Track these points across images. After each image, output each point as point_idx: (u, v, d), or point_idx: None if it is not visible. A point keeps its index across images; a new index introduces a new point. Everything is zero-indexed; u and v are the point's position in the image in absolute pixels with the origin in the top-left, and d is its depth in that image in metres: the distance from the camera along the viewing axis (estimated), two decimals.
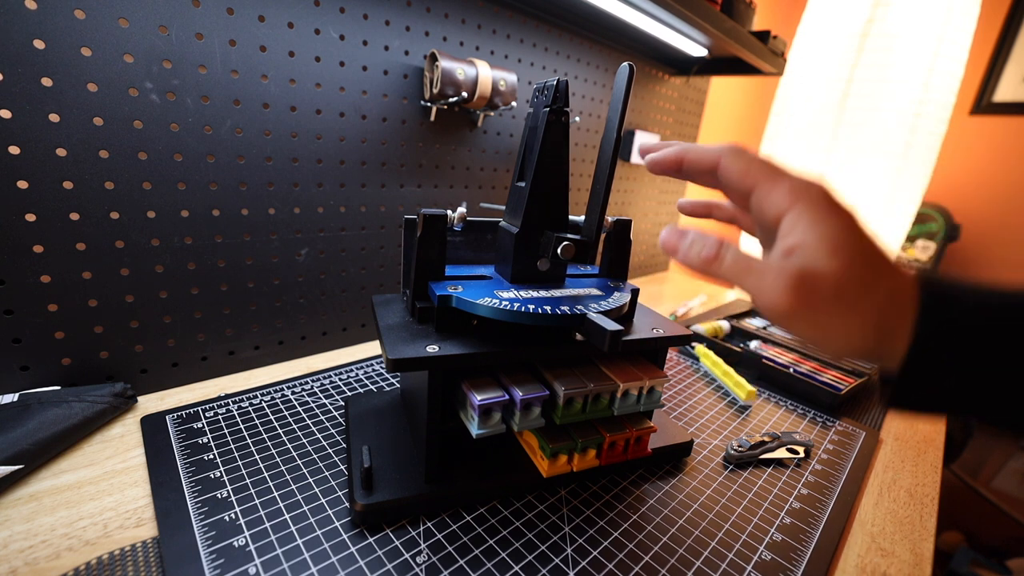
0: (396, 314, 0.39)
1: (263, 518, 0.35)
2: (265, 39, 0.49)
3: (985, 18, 1.58)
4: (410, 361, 0.32)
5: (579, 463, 0.39)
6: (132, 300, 0.47)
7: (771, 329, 0.87)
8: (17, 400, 0.40)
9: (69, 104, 0.40)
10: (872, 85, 1.17)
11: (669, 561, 0.35)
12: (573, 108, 0.86)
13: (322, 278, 0.61)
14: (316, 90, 0.54)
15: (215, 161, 0.49)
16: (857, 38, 1.18)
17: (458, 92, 0.60)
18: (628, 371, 0.40)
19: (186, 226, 0.49)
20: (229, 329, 0.55)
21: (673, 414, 0.56)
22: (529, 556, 0.35)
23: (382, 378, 0.57)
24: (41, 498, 0.36)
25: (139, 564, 0.31)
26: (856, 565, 0.38)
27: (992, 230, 1.74)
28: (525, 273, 0.41)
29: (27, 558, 0.31)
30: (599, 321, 0.32)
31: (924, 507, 0.45)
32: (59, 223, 0.42)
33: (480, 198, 0.76)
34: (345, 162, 0.58)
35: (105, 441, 0.43)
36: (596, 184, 0.38)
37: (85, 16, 0.39)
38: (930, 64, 1.13)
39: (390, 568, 0.32)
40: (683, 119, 1.16)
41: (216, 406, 0.48)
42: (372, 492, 0.36)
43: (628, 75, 0.34)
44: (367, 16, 0.55)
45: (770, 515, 0.41)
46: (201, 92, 0.46)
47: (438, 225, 0.37)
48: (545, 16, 0.75)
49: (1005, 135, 1.67)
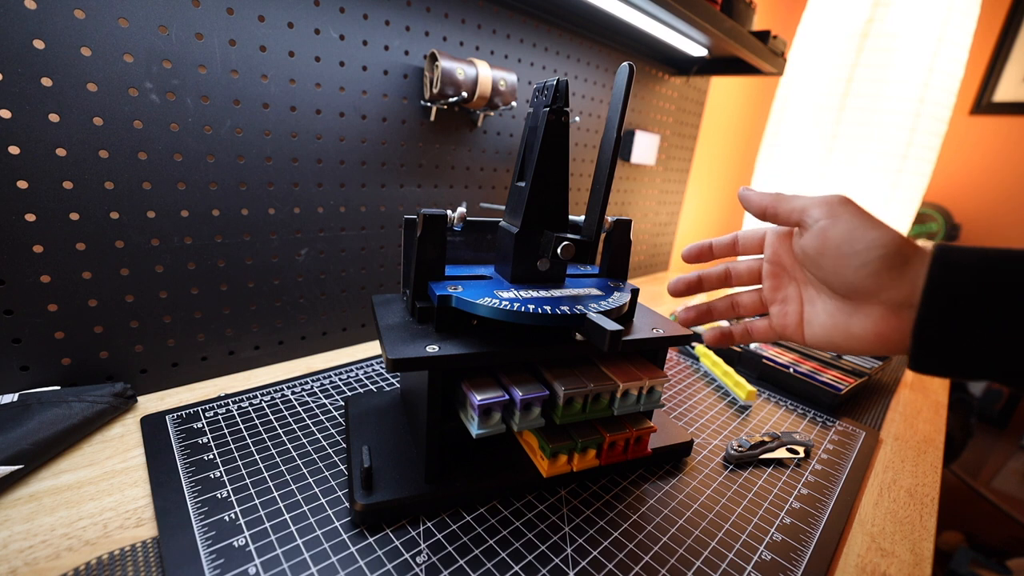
0: (396, 314, 0.39)
1: (263, 518, 0.35)
2: (265, 39, 0.49)
3: (985, 18, 1.58)
4: (410, 361, 0.32)
5: (579, 463, 0.39)
6: (132, 300, 0.47)
7: None
8: (17, 400, 0.40)
9: (69, 104, 0.40)
10: (872, 85, 1.17)
11: (669, 561, 0.35)
12: (573, 108, 0.86)
13: (322, 278, 0.61)
14: (316, 90, 0.54)
15: (215, 161, 0.49)
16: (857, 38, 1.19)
17: (458, 92, 0.60)
18: (628, 371, 0.40)
19: (186, 226, 0.49)
20: (229, 329, 0.55)
21: (673, 414, 0.56)
22: (529, 556, 0.35)
23: (382, 378, 0.57)
24: (41, 498, 0.36)
25: (139, 564, 0.31)
26: (856, 565, 0.38)
27: (992, 230, 1.73)
28: (525, 273, 0.41)
29: (27, 558, 0.31)
30: (599, 321, 0.32)
31: (924, 507, 0.45)
32: (59, 223, 0.42)
33: (480, 198, 0.76)
34: (345, 162, 0.58)
35: (105, 441, 0.43)
36: (596, 184, 0.38)
37: (85, 16, 0.39)
38: (930, 64, 1.13)
39: (390, 568, 0.32)
40: (683, 119, 1.16)
41: (216, 406, 0.48)
42: (372, 492, 0.36)
43: (628, 75, 0.34)
44: (367, 16, 0.55)
45: (770, 515, 0.41)
46: (201, 92, 0.46)
47: (438, 225, 0.37)
48: (545, 16, 0.75)
49: (1005, 135, 1.67)
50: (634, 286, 0.43)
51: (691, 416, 0.56)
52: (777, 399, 0.63)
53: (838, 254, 0.29)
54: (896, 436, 0.58)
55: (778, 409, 0.60)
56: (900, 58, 1.13)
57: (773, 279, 0.37)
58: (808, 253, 0.31)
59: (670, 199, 1.25)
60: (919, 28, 1.12)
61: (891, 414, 0.63)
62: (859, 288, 0.29)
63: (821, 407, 0.61)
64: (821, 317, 0.33)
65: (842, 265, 0.29)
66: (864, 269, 0.28)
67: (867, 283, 0.28)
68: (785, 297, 0.36)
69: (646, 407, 0.40)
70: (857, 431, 0.56)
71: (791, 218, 0.32)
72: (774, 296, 0.37)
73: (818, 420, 0.58)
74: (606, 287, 0.42)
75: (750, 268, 0.39)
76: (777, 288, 0.37)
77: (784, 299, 0.36)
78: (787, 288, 0.36)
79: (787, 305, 0.36)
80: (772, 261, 0.37)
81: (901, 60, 1.13)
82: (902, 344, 0.28)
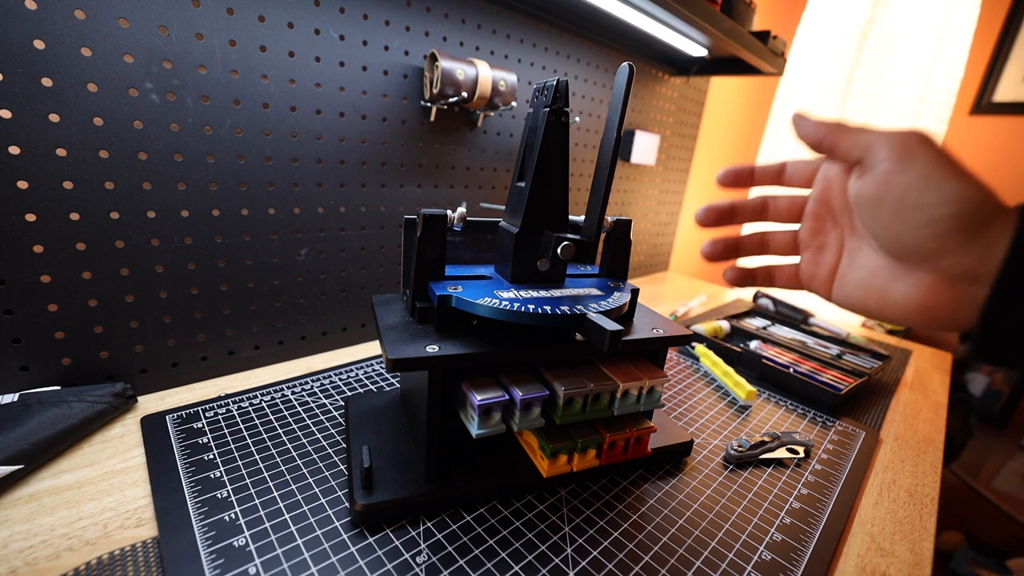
0: (396, 314, 0.39)
1: (263, 518, 0.35)
2: (265, 39, 0.49)
3: (985, 18, 1.58)
4: (410, 361, 0.32)
5: (579, 463, 0.39)
6: (132, 300, 0.47)
7: (771, 329, 0.87)
8: (17, 400, 0.40)
9: (69, 104, 0.40)
10: (872, 85, 1.17)
11: (669, 561, 0.36)
12: (573, 108, 0.86)
13: (322, 278, 0.61)
14: (316, 90, 0.54)
15: (215, 161, 0.49)
16: (857, 38, 1.19)
17: (458, 92, 0.60)
18: (628, 371, 0.40)
19: (186, 226, 0.49)
20: (229, 329, 0.55)
21: (673, 414, 0.56)
22: (529, 556, 0.35)
23: (382, 378, 0.57)
24: (41, 498, 0.36)
25: (139, 564, 0.31)
26: (856, 565, 0.38)
27: None
28: (525, 273, 0.41)
29: (27, 558, 0.31)
30: (599, 321, 0.32)
31: (924, 507, 0.45)
32: (59, 223, 0.42)
33: (480, 198, 0.76)
34: (345, 162, 0.58)
35: (105, 441, 0.43)
36: (596, 184, 0.38)
37: (85, 16, 0.39)
38: (930, 64, 1.13)
39: (390, 568, 0.32)
40: (683, 119, 1.16)
41: (216, 406, 0.48)
42: (372, 492, 0.36)
43: (628, 75, 0.34)
44: (367, 16, 0.55)
45: (770, 515, 0.41)
46: (201, 92, 0.46)
47: (438, 225, 0.37)
48: (545, 16, 0.75)
49: (1005, 135, 1.67)
50: (634, 286, 0.43)
51: (691, 416, 0.56)
52: (777, 399, 0.63)
53: (899, 206, 0.24)
54: (896, 436, 0.58)
55: (778, 409, 0.60)
56: (900, 58, 1.13)
57: (815, 220, 0.31)
58: (863, 199, 0.26)
59: (670, 199, 1.25)
60: (919, 28, 1.12)
61: (891, 414, 0.63)
62: (916, 250, 0.24)
63: (821, 407, 0.61)
64: (859, 274, 0.28)
65: (902, 220, 0.24)
66: (928, 228, 0.23)
67: (927, 245, 0.23)
68: (823, 244, 0.31)
69: (646, 407, 0.40)
70: (857, 431, 0.56)
71: (851, 154, 0.27)
72: (811, 240, 0.32)
73: (818, 420, 0.58)
74: (606, 287, 0.42)
75: (792, 204, 0.33)
76: (817, 232, 0.31)
77: (821, 245, 0.31)
78: (828, 233, 0.31)
79: (823, 253, 0.31)
80: (819, 199, 0.31)
81: (901, 60, 1.13)
82: (949, 321, 0.24)
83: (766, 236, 0.34)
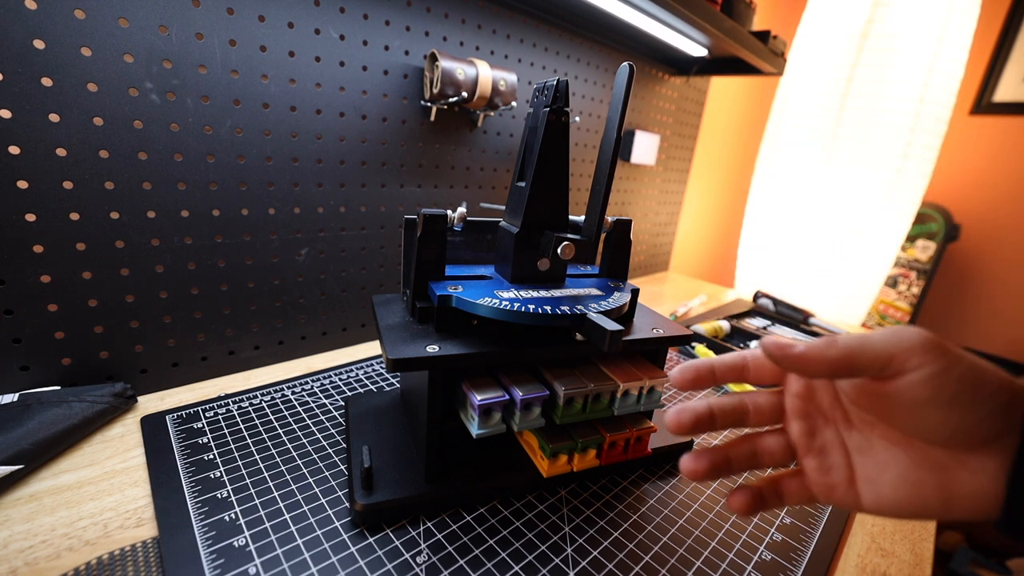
0: (396, 314, 0.39)
1: (263, 518, 0.35)
2: (265, 39, 0.49)
3: (985, 18, 1.58)
4: (410, 361, 0.32)
5: (579, 463, 0.39)
6: (132, 300, 0.47)
7: (771, 329, 0.87)
8: (17, 400, 0.40)
9: (69, 104, 0.40)
10: (872, 85, 1.17)
11: (669, 561, 0.36)
12: (573, 108, 0.86)
13: (322, 278, 0.61)
14: (316, 90, 0.54)
15: (215, 161, 0.49)
16: (857, 38, 1.19)
17: (458, 92, 0.60)
18: (628, 371, 0.40)
19: (186, 226, 0.49)
20: (229, 329, 0.55)
21: None
22: (529, 556, 0.35)
23: (382, 378, 0.57)
24: (41, 498, 0.36)
25: (139, 564, 0.31)
26: (856, 565, 0.38)
27: (992, 230, 1.74)
28: (525, 273, 0.41)
29: (27, 558, 0.31)
30: (599, 321, 0.32)
31: None
32: (59, 223, 0.42)
33: (480, 198, 0.76)
34: (345, 162, 0.58)
35: (105, 441, 0.43)
36: (596, 184, 0.38)
37: (85, 16, 0.39)
38: (930, 64, 1.13)
39: (390, 568, 0.32)
40: (683, 119, 1.16)
41: (216, 406, 0.48)
42: (372, 492, 0.36)
43: (628, 75, 0.34)
44: (367, 16, 0.55)
45: (770, 515, 0.41)
46: (201, 92, 0.46)
47: (438, 225, 0.37)
48: (545, 16, 0.75)
49: (1005, 135, 1.67)
50: (634, 286, 0.43)
51: None
52: None
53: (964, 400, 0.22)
54: None
55: None
56: (900, 58, 1.13)
57: (804, 419, 0.27)
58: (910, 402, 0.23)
59: (670, 199, 1.25)
60: (919, 28, 1.12)
61: None
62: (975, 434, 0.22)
63: None
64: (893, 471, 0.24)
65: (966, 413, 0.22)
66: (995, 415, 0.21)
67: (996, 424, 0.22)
68: (824, 445, 0.26)
69: (646, 407, 0.40)
70: None
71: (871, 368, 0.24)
72: (808, 443, 0.27)
73: None
74: (606, 287, 0.42)
75: (775, 402, 0.28)
76: (812, 432, 0.27)
77: (823, 448, 0.26)
78: (823, 432, 0.27)
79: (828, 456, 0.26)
80: (800, 396, 0.27)
81: (901, 60, 1.13)
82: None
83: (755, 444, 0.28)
